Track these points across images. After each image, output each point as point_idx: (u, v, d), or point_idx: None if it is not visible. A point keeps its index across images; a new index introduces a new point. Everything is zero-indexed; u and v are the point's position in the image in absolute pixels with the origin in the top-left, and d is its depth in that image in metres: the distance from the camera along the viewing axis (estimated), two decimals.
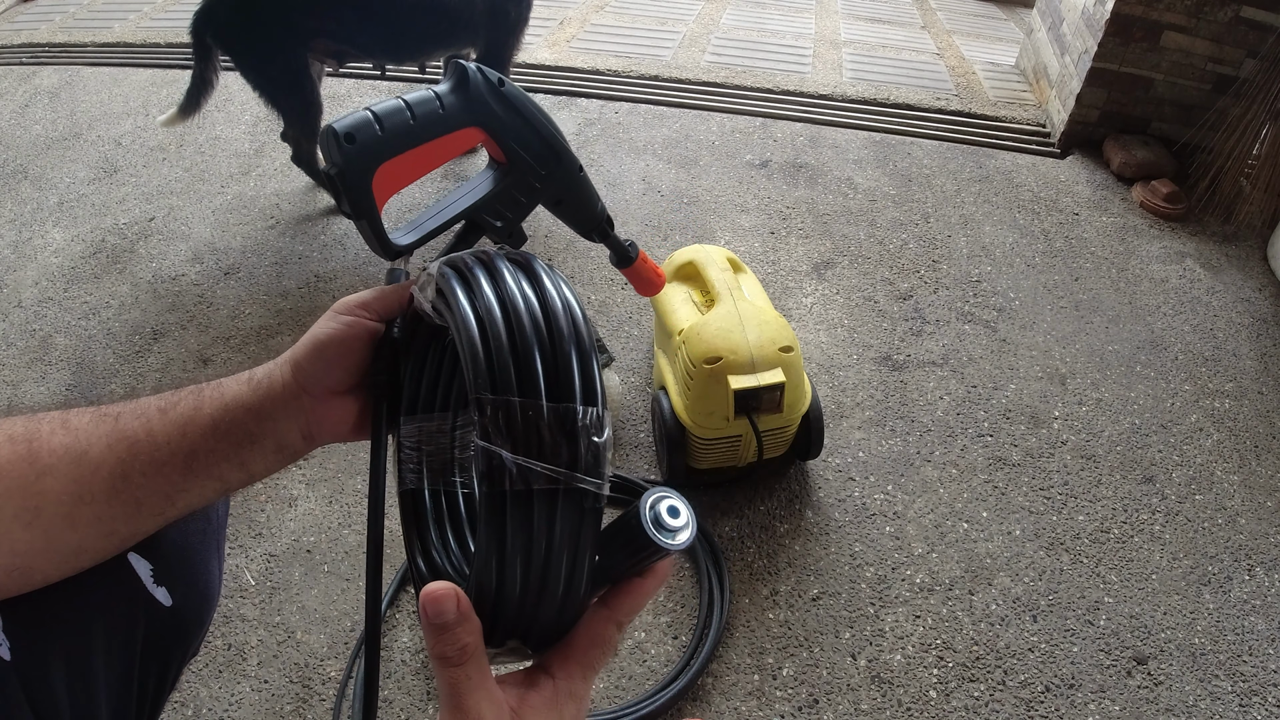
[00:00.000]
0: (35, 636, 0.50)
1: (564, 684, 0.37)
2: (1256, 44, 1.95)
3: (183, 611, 0.59)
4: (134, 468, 0.46)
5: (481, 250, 0.43)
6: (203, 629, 0.64)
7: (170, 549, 0.58)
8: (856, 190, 2.01)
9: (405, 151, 0.46)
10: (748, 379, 1.09)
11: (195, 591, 0.61)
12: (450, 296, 0.38)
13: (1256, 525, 1.27)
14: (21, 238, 1.78)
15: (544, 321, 0.37)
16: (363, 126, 0.44)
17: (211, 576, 0.63)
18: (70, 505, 0.45)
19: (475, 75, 0.48)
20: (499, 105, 0.48)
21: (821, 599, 1.13)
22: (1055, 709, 1.03)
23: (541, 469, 0.33)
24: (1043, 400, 1.46)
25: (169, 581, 0.58)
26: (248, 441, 0.47)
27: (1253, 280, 1.80)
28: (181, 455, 0.46)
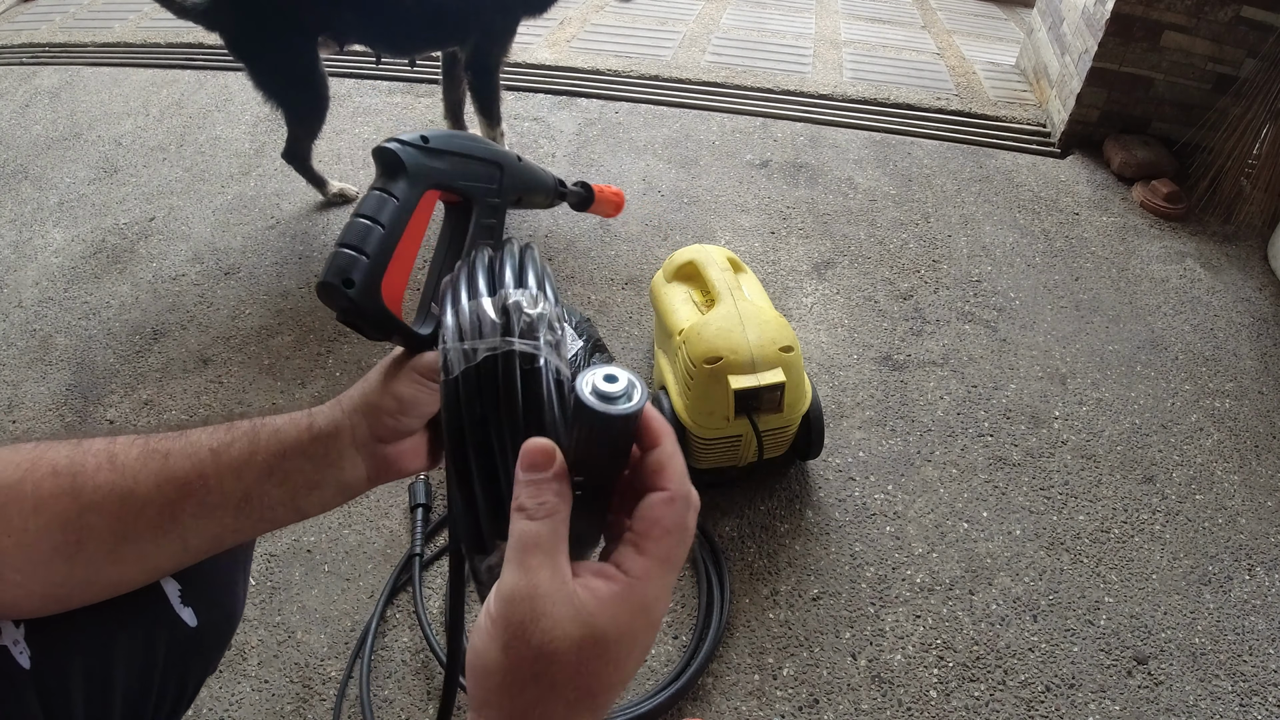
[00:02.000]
0: (56, 648, 0.50)
1: (639, 584, 0.32)
2: (1257, 44, 1.95)
3: (207, 632, 0.59)
4: (184, 509, 0.45)
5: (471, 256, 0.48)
6: (224, 648, 0.64)
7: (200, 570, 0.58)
8: (857, 190, 2.01)
9: (392, 258, 0.48)
10: (748, 379, 1.09)
11: (221, 612, 0.61)
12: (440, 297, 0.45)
13: (1257, 525, 1.27)
14: (22, 238, 1.78)
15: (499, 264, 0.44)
16: (350, 264, 0.46)
17: (237, 598, 0.63)
18: (113, 543, 0.44)
19: (402, 152, 0.50)
20: (436, 161, 0.51)
21: (822, 599, 1.13)
22: (1055, 709, 1.03)
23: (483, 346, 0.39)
24: (1043, 400, 1.46)
25: (196, 602, 0.57)
26: (307, 488, 0.48)
27: (1253, 280, 1.80)
28: (235, 500, 0.46)
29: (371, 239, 0.47)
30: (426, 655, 1.04)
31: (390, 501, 1.23)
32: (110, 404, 1.38)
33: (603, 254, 1.75)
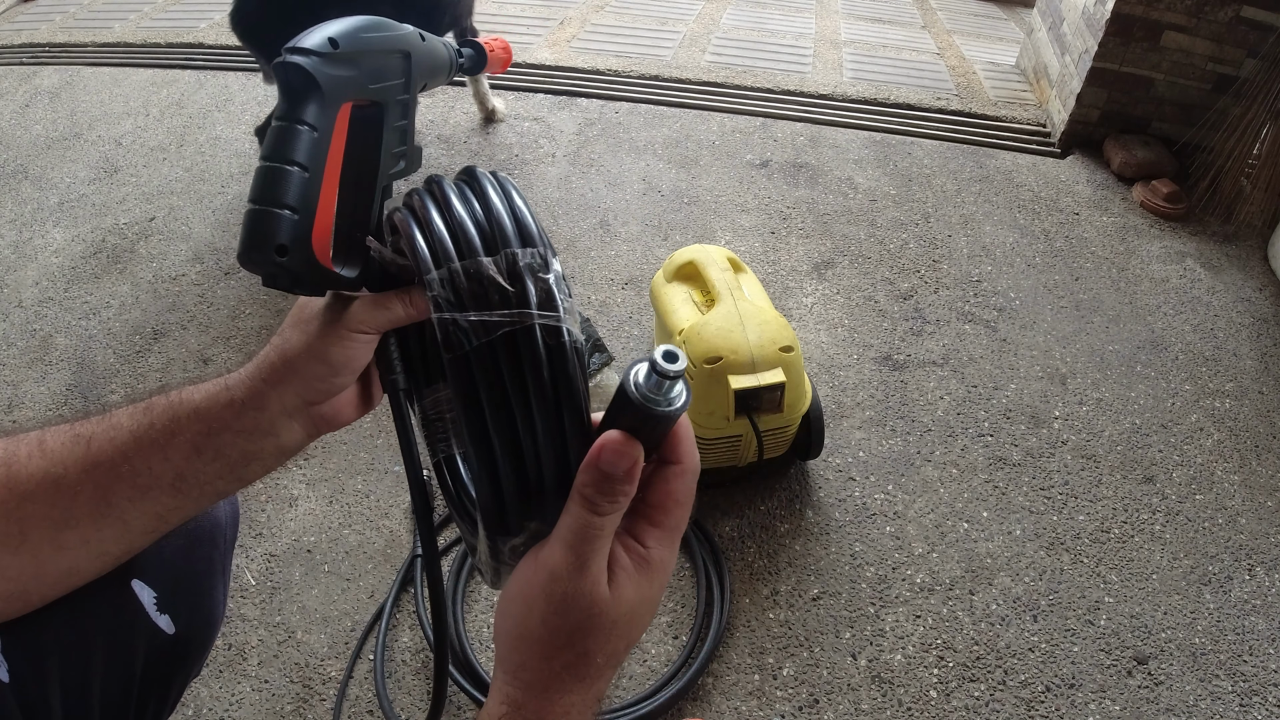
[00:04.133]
0: (34, 660, 0.50)
1: (654, 551, 0.36)
2: (1257, 44, 1.95)
3: (185, 639, 0.59)
4: (117, 493, 0.44)
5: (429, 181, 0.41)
6: (205, 653, 0.64)
7: (176, 576, 0.58)
8: (857, 190, 2.01)
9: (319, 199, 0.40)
10: (748, 379, 1.09)
11: (199, 618, 0.60)
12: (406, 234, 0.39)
13: (1257, 525, 1.27)
14: (22, 238, 1.78)
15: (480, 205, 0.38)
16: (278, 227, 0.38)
17: (216, 603, 0.63)
18: (54, 530, 0.44)
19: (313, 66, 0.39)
20: (347, 69, 0.40)
21: (822, 599, 1.13)
22: (1056, 709, 1.03)
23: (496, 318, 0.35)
24: (1043, 400, 1.46)
25: (173, 609, 0.57)
26: (244, 461, 0.46)
27: (1253, 280, 1.80)
28: (168, 480, 0.45)
29: (296, 189, 0.38)
30: (426, 655, 1.04)
31: (390, 502, 1.23)
32: (110, 403, 1.38)
33: (603, 254, 1.75)
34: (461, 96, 2.32)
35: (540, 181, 1.97)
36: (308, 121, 0.38)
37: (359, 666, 1.03)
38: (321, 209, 0.40)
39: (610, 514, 0.34)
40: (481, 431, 0.35)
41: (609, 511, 0.34)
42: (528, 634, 0.35)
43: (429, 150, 2.08)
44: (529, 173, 2.00)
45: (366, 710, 0.99)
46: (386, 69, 0.43)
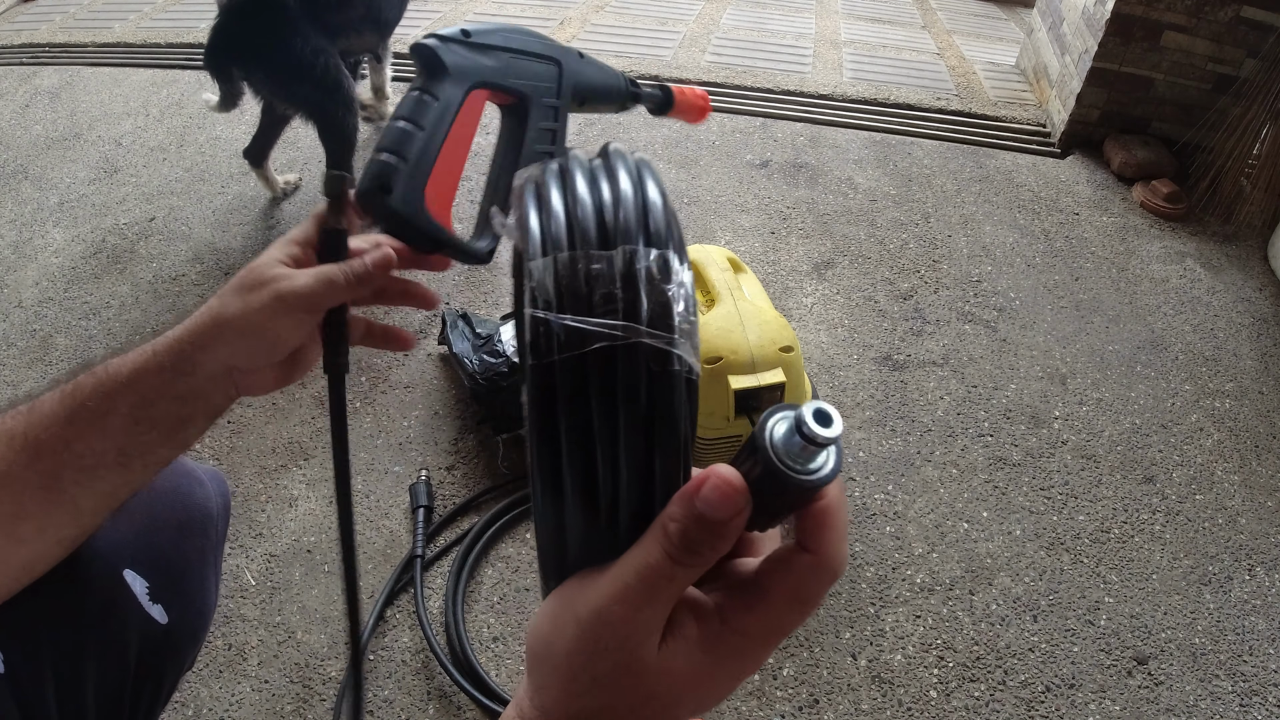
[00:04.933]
0: (29, 652, 0.51)
1: (732, 635, 0.28)
2: (1257, 44, 1.95)
3: (178, 629, 0.59)
4: (64, 479, 0.44)
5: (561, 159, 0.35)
6: (198, 644, 0.65)
7: (167, 567, 0.59)
8: (857, 190, 2.01)
9: (436, 163, 0.44)
10: (748, 379, 1.09)
11: (191, 608, 0.61)
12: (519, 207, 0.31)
13: (1257, 525, 1.27)
14: (22, 238, 1.78)
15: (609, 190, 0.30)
16: (387, 170, 0.42)
17: (208, 593, 0.64)
18: (9, 525, 0.44)
19: (440, 48, 0.45)
20: (481, 57, 0.46)
21: None
22: (1056, 709, 1.03)
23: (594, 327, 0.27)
24: (1043, 400, 1.46)
25: (165, 599, 0.58)
26: (180, 425, 0.46)
27: (1253, 280, 1.80)
28: (111, 457, 0.45)
29: (409, 143, 0.43)
30: (427, 655, 1.04)
31: (390, 502, 1.23)
32: None
33: None
34: None
35: None
36: (430, 91, 0.44)
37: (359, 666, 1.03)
38: (440, 169, 0.44)
39: (688, 565, 0.27)
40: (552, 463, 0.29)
41: (687, 562, 0.27)
42: (550, 658, 0.30)
43: None
44: None
45: (366, 710, 0.99)
46: (531, 71, 0.48)
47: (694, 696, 0.28)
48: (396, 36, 2.07)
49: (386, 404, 1.39)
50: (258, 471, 1.27)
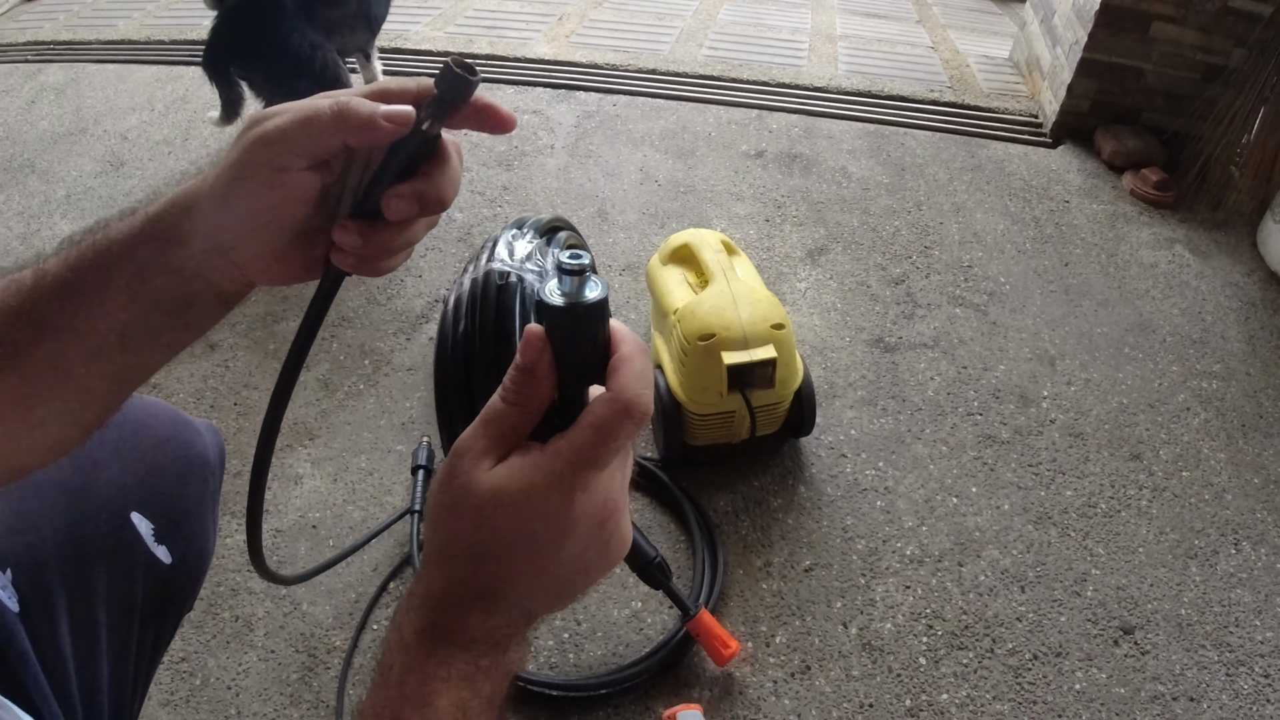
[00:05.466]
0: (41, 590, 0.53)
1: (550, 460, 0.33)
2: (1245, 33, 1.98)
3: (181, 569, 0.62)
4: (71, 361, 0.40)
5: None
6: (197, 585, 0.68)
7: (170, 509, 0.62)
8: (850, 179, 2.04)
9: None
10: (740, 355, 1.12)
11: (193, 550, 0.64)
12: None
13: (1243, 501, 1.30)
14: (30, 230, 1.81)
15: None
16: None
17: (208, 537, 0.67)
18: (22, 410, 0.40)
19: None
20: None
21: (814, 570, 1.16)
22: (1043, 676, 1.06)
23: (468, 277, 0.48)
24: (1032, 380, 1.49)
25: (169, 540, 0.61)
26: (183, 306, 0.40)
27: (1241, 265, 1.83)
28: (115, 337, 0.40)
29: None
30: None
31: (394, 479, 1.26)
32: None
33: (601, 241, 1.78)
34: None
35: (540, 172, 2.00)
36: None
37: (364, 636, 1.06)
38: None
39: (513, 404, 0.34)
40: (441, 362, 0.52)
41: (511, 400, 0.34)
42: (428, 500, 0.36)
43: None
44: (529, 164, 2.03)
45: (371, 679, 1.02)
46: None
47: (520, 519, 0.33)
48: (381, 31, 2.10)
49: (389, 386, 1.41)
50: None
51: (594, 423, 0.33)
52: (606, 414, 0.33)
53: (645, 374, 0.34)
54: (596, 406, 0.33)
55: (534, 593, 0.35)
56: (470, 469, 0.33)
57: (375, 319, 1.56)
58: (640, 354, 0.35)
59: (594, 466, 0.33)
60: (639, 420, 0.33)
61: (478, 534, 0.33)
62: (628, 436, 0.33)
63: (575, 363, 0.34)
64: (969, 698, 1.03)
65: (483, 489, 0.33)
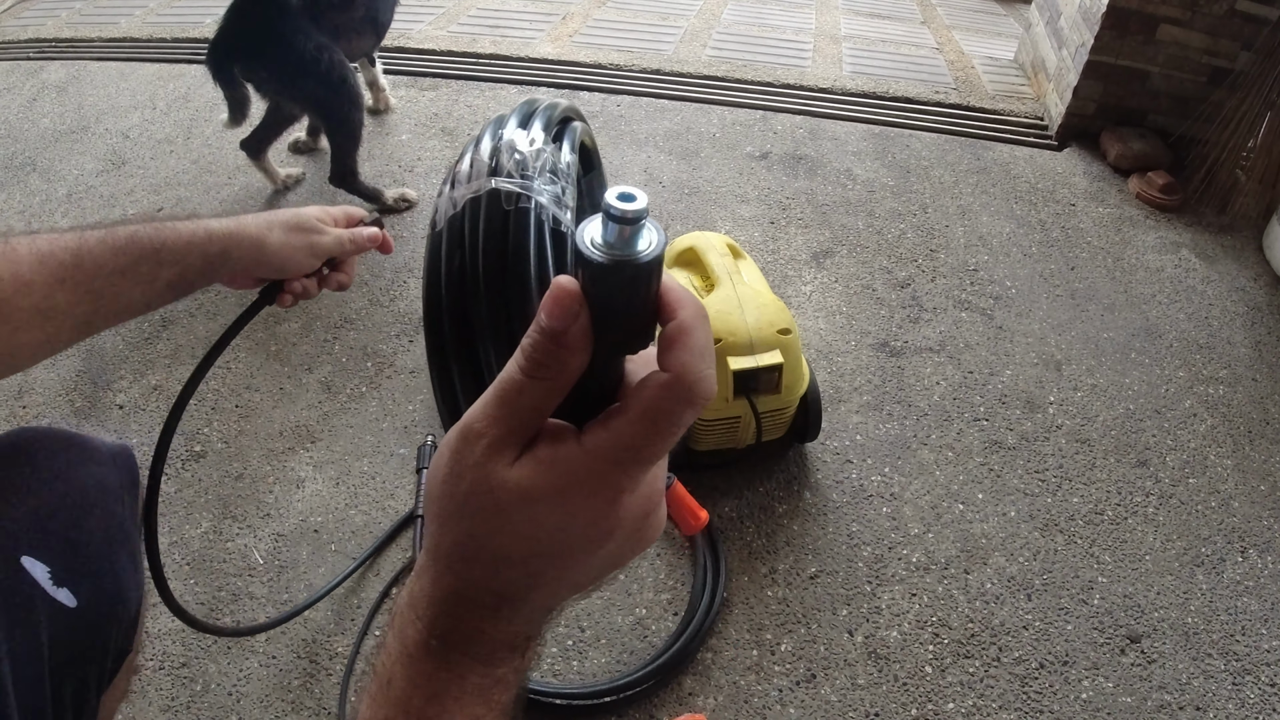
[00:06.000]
0: None
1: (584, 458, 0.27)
2: (1251, 37, 1.97)
3: (90, 612, 0.58)
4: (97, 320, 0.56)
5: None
6: (122, 627, 0.62)
7: (66, 549, 0.58)
8: (855, 181, 2.03)
9: None
10: (746, 360, 1.11)
11: (102, 589, 0.59)
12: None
13: (1250, 509, 1.29)
14: (31, 228, 1.80)
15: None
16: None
17: (122, 575, 0.61)
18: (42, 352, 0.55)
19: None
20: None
21: (819, 577, 1.15)
22: (1049, 685, 1.05)
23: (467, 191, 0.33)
24: (1038, 386, 1.48)
25: (71, 582, 0.56)
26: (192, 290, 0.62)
27: (1248, 270, 1.82)
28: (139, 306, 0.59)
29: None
30: None
31: (395, 483, 1.25)
32: (119, 389, 1.40)
33: None
34: (465, 90, 2.34)
35: None
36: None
37: (366, 642, 1.05)
38: None
39: (537, 378, 0.27)
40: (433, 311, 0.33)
41: (537, 374, 0.27)
42: (431, 492, 0.30)
43: (432, 143, 2.10)
44: None
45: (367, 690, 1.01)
46: None
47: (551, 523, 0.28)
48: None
49: (392, 389, 1.41)
50: (265, 454, 1.29)
51: (648, 411, 0.27)
52: (664, 400, 0.26)
53: (707, 348, 0.28)
54: (651, 390, 0.27)
55: (560, 592, 0.30)
56: (486, 460, 0.28)
57: (378, 321, 1.55)
58: (701, 323, 0.28)
59: (644, 463, 0.28)
60: (701, 406, 0.27)
61: (499, 538, 0.28)
62: (686, 426, 0.27)
63: (617, 329, 0.27)
64: (975, 707, 1.02)
65: (506, 488, 0.27)
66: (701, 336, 0.27)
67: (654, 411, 0.27)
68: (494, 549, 0.29)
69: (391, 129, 2.16)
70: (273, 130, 1.82)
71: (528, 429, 0.28)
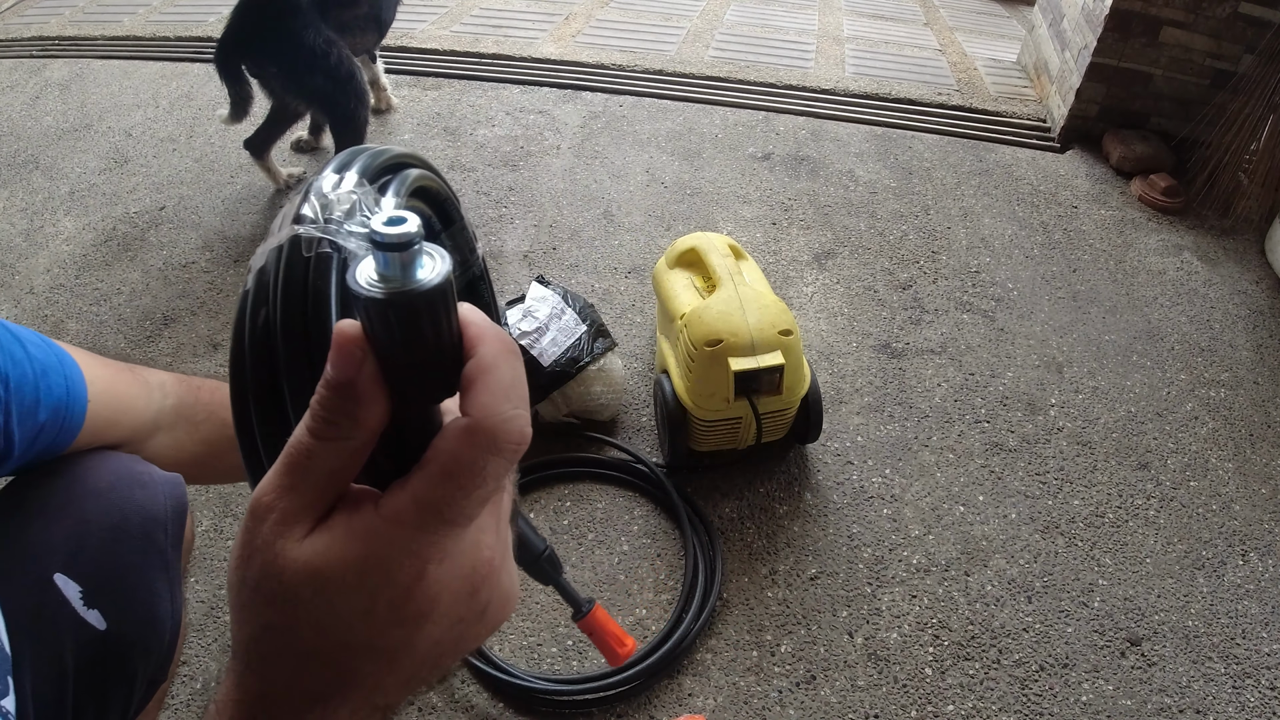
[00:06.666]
0: None
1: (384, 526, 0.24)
2: (1254, 39, 1.97)
3: (119, 636, 0.57)
4: None
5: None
6: (150, 653, 0.61)
7: (100, 571, 0.57)
8: (857, 182, 2.03)
9: None
10: (747, 361, 1.11)
11: (133, 615, 0.59)
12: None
13: (1251, 512, 1.29)
14: (33, 226, 1.81)
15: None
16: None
17: (157, 602, 0.61)
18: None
19: None
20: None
21: (820, 578, 1.15)
22: (1049, 687, 1.05)
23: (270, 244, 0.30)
24: (1039, 388, 1.48)
25: (101, 605, 0.56)
26: None
27: (1250, 273, 1.82)
28: None
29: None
30: None
31: None
32: None
33: (606, 243, 1.77)
34: (467, 90, 2.35)
35: (545, 173, 2.00)
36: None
37: None
38: None
39: (326, 438, 0.24)
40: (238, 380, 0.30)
41: (325, 434, 0.24)
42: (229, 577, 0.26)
43: (434, 142, 2.10)
44: (534, 164, 2.02)
45: None
46: None
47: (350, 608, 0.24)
48: (390, 30, 2.10)
49: None
50: None
51: (445, 464, 0.24)
52: (463, 450, 0.24)
53: (514, 385, 0.25)
54: (448, 441, 0.24)
55: (385, 687, 0.26)
56: (275, 538, 0.24)
57: None
58: (506, 357, 0.25)
59: (450, 524, 0.24)
60: (510, 453, 0.24)
61: (298, 630, 0.24)
62: (497, 478, 0.24)
63: (411, 372, 0.24)
64: (975, 709, 1.02)
65: (295, 569, 0.24)
66: (505, 373, 0.24)
67: (452, 464, 0.24)
68: (293, 644, 0.25)
69: (394, 128, 2.16)
70: (276, 129, 1.82)
71: (322, 499, 0.25)
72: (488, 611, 0.27)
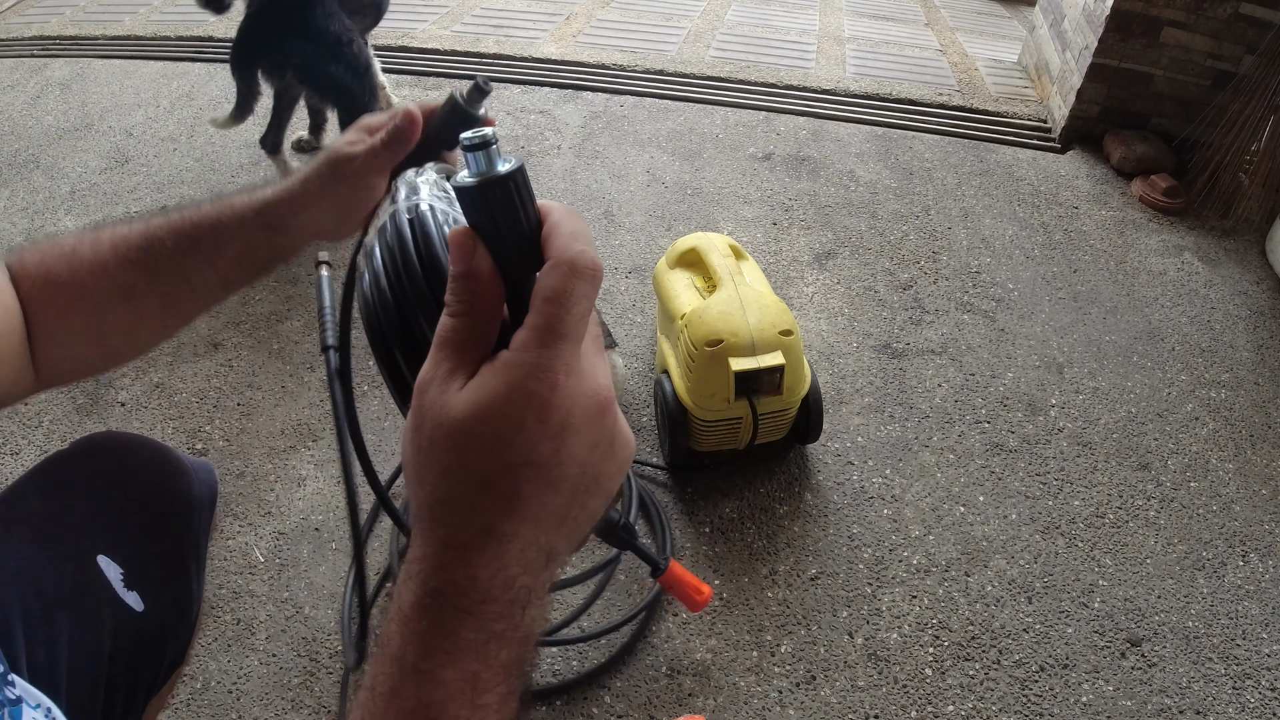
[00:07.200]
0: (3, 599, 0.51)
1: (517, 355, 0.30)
2: (1255, 40, 1.97)
3: (155, 618, 0.58)
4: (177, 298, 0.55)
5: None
6: (179, 638, 0.63)
7: (143, 554, 0.58)
8: (858, 183, 2.03)
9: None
10: (748, 361, 1.11)
11: (169, 597, 0.60)
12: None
13: (1251, 512, 1.29)
14: (34, 225, 1.81)
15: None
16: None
17: (189, 586, 0.62)
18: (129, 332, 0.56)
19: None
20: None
21: (820, 579, 1.15)
22: (1049, 688, 1.05)
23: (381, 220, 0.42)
24: (1040, 388, 1.48)
25: (141, 586, 0.58)
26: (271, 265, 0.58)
27: (1250, 274, 1.82)
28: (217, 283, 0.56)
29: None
30: None
31: (398, 482, 1.25)
32: (121, 386, 1.40)
33: (607, 243, 1.77)
34: None
35: (546, 173, 2.00)
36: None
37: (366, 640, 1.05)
38: None
39: (457, 314, 0.31)
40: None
41: (458, 313, 0.31)
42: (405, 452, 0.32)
43: None
44: (535, 165, 2.02)
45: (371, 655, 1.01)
46: None
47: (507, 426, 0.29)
48: (388, 29, 2.09)
49: None
50: (267, 452, 1.29)
51: (545, 295, 0.30)
52: (555, 280, 0.30)
53: (581, 231, 0.32)
54: (543, 278, 0.30)
55: (545, 518, 0.30)
56: (439, 396, 0.30)
57: None
58: (568, 216, 0.32)
59: (565, 339, 0.30)
60: (590, 277, 0.30)
61: (466, 461, 0.29)
62: (586, 299, 0.30)
63: (513, 249, 0.31)
64: (975, 709, 1.02)
65: (457, 411, 0.29)
66: (570, 223, 0.32)
67: (549, 291, 0.30)
68: (464, 479, 0.30)
69: None
70: (284, 121, 1.81)
71: (470, 362, 0.31)
72: (615, 445, 0.32)
